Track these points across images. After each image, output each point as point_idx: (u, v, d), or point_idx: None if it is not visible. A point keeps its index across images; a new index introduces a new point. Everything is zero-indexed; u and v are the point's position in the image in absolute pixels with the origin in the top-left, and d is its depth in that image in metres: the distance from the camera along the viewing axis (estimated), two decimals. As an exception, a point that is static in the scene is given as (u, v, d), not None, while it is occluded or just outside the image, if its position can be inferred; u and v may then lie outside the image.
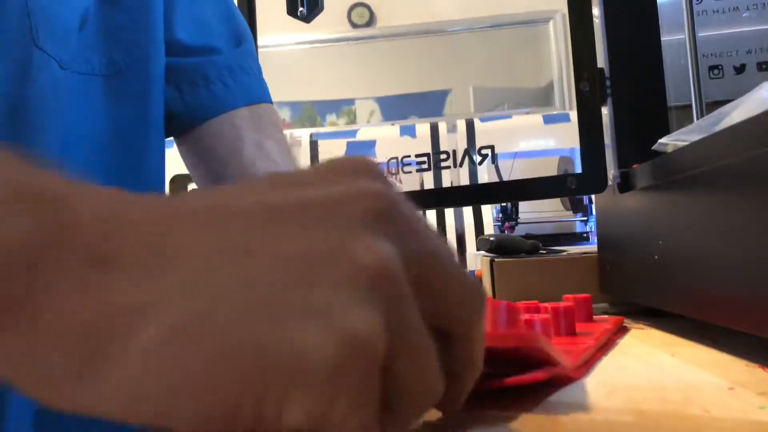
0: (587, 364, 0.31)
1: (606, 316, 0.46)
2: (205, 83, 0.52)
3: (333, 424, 0.15)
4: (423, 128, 1.85)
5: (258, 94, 0.56)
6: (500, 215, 1.85)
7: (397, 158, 1.68)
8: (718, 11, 0.92)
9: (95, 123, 0.45)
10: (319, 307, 0.15)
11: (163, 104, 0.51)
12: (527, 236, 0.78)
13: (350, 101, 2.94)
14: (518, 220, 1.86)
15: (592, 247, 0.67)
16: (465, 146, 1.79)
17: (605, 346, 0.36)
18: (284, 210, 0.16)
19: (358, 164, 0.19)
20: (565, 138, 1.82)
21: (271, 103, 0.58)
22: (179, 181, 1.69)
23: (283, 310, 0.15)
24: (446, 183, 1.79)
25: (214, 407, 0.14)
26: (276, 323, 0.14)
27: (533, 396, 0.25)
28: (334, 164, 0.19)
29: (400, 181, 1.70)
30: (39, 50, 0.40)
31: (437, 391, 0.17)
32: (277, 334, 0.14)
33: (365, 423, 0.15)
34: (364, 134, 1.91)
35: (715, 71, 0.91)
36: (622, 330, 0.42)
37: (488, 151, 1.76)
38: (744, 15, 0.91)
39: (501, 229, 1.83)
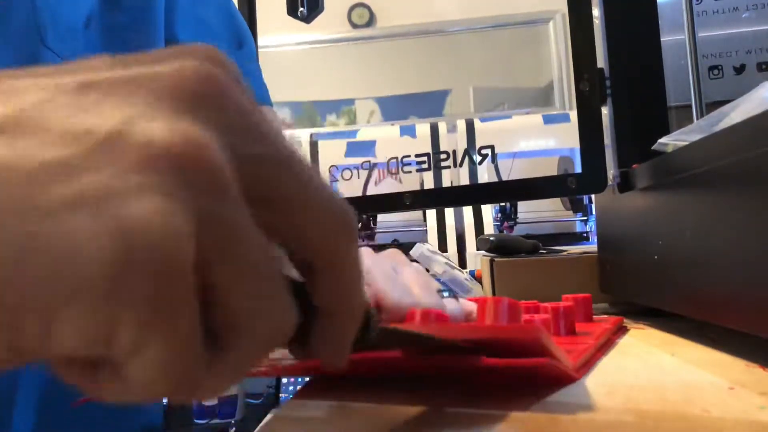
0: (587, 364, 0.31)
1: (606, 316, 0.46)
2: None
3: (123, 350, 0.12)
4: (423, 128, 1.85)
5: (258, 97, 0.56)
6: (499, 215, 1.85)
7: (397, 158, 1.68)
8: (718, 11, 0.92)
9: None
10: (93, 193, 0.11)
11: None
12: (527, 236, 0.78)
13: (350, 101, 2.93)
14: (517, 220, 1.86)
15: (592, 247, 0.67)
16: (465, 146, 1.79)
17: (605, 346, 0.36)
18: (82, 85, 0.13)
19: (201, 49, 0.15)
20: (565, 138, 1.82)
21: (271, 105, 0.58)
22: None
23: (44, 198, 0.11)
24: (446, 183, 1.79)
25: None
26: (31, 215, 0.11)
27: (533, 396, 0.25)
28: (176, 48, 0.15)
29: (400, 181, 1.70)
30: (46, 49, 0.40)
31: (283, 317, 0.14)
32: (31, 228, 0.11)
33: (173, 350, 0.12)
34: (364, 134, 1.91)
35: (715, 71, 0.91)
36: (621, 330, 0.42)
37: (488, 151, 1.76)
38: (744, 15, 0.91)
39: (500, 229, 1.83)
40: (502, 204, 1.82)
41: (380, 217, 1.92)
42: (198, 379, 0.13)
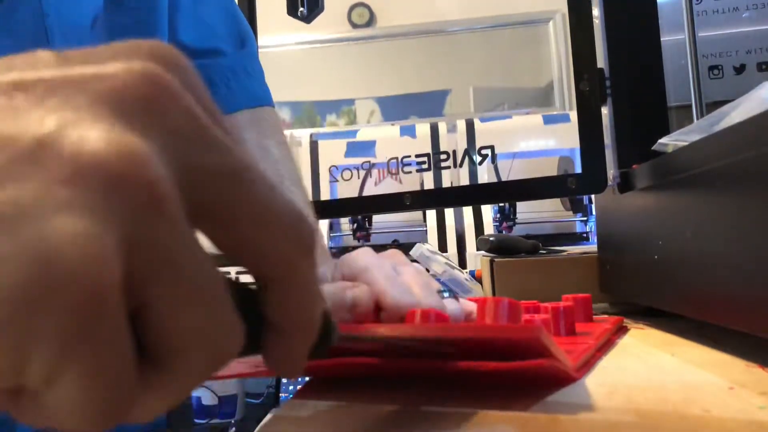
0: (587, 364, 0.31)
1: (606, 316, 0.46)
2: (209, 85, 0.53)
3: (35, 382, 0.11)
4: (423, 128, 1.85)
5: (260, 97, 0.56)
6: (498, 215, 1.85)
7: (397, 158, 1.68)
8: (718, 11, 0.92)
9: None
10: (11, 209, 0.11)
11: None
12: (527, 236, 0.78)
13: (350, 101, 2.93)
14: (516, 221, 1.86)
15: (592, 247, 0.67)
16: (465, 146, 1.79)
17: (605, 346, 0.36)
18: (16, 84, 0.12)
19: (153, 47, 0.14)
20: (565, 138, 1.82)
21: (273, 105, 0.58)
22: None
23: None
24: (446, 183, 1.79)
25: None
26: None
27: (533, 396, 0.25)
28: (127, 45, 0.14)
29: (400, 181, 1.70)
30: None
31: (226, 338, 0.13)
32: None
33: (95, 380, 0.11)
34: (364, 134, 1.91)
35: (715, 71, 0.91)
36: (621, 330, 0.42)
37: (488, 151, 1.76)
38: (744, 15, 0.92)
39: (499, 229, 1.83)
40: (501, 204, 1.82)
41: (380, 218, 1.92)
42: (130, 404, 0.12)
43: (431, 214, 1.86)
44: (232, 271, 0.26)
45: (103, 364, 0.11)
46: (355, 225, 1.85)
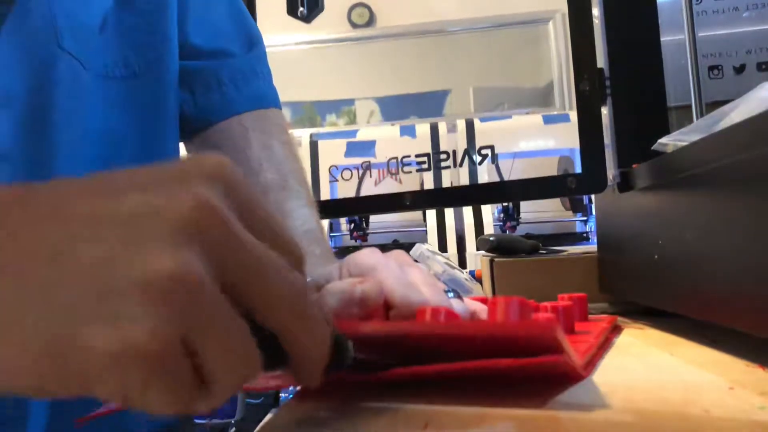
0: (591, 363, 0.31)
1: (601, 315, 0.46)
2: (218, 86, 0.53)
3: (134, 398, 0.18)
4: (423, 128, 1.85)
5: (267, 98, 0.56)
6: (502, 215, 1.85)
7: (397, 158, 1.68)
8: (718, 11, 0.92)
9: (113, 125, 0.45)
10: (109, 313, 0.17)
11: (178, 107, 0.51)
12: (527, 236, 0.78)
13: (350, 101, 2.93)
14: (519, 220, 1.86)
15: (592, 247, 0.67)
16: (465, 146, 1.79)
17: (604, 344, 0.36)
18: (99, 219, 0.19)
19: (202, 167, 0.20)
20: (565, 138, 1.82)
21: (280, 107, 0.58)
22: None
23: (77, 315, 0.17)
24: (446, 183, 1.79)
25: (33, 388, 0.18)
26: (69, 327, 0.17)
27: (533, 395, 0.25)
28: (177, 166, 0.20)
29: (400, 181, 1.70)
30: (63, 51, 0.40)
31: (247, 369, 0.20)
32: (69, 338, 0.17)
33: (170, 400, 0.18)
34: (364, 134, 1.91)
35: (715, 71, 0.91)
36: (616, 329, 0.43)
37: (488, 151, 1.76)
38: (744, 15, 0.91)
39: (502, 229, 1.83)
40: (505, 204, 1.82)
41: (380, 217, 1.92)
42: (192, 404, 0.19)
43: (431, 214, 1.86)
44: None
45: (170, 387, 0.18)
46: (353, 225, 1.85)
